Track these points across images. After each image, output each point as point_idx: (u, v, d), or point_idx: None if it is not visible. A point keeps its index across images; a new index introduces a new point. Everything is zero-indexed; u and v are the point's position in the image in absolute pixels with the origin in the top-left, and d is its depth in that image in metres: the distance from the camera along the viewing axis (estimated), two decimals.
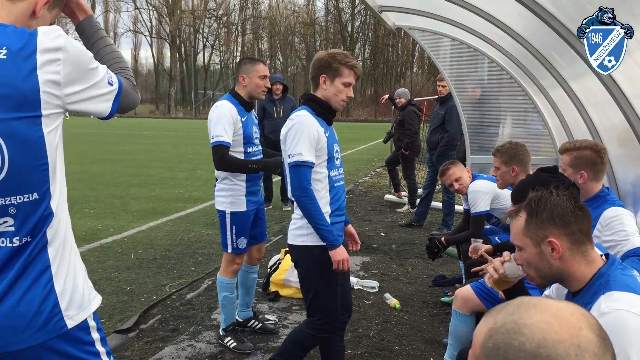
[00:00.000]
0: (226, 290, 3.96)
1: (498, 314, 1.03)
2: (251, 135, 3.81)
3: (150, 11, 65.97)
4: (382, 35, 58.87)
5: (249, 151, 3.82)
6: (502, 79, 6.69)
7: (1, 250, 1.45)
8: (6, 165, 1.38)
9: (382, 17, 5.86)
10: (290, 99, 9.02)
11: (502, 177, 3.98)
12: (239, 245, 3.87)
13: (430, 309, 4.83)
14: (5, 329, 1.43)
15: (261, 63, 3.85)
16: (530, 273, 1.96)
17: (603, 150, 3.12)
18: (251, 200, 3.86)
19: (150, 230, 7.50)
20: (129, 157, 16.53)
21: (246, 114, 3.82)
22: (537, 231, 1.88)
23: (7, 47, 1.41)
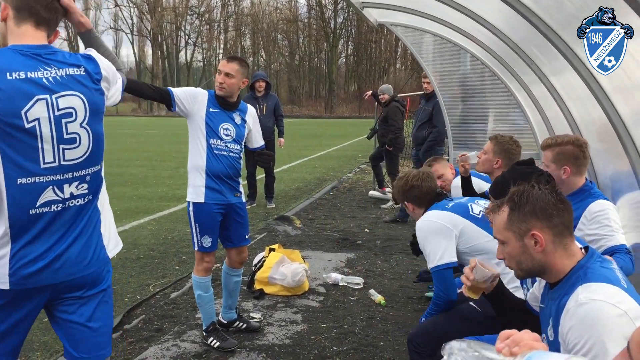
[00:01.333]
0: (199, 288, 3.93)
1: None
2: (215, 129, 3.74)
3: (131, 8, 65.34)
4: (365, 32, 58.89)
5: (211, 143, 3.74)
6: (484, 75, 6.75)
7: (77, 207, 2.07)
8: (90, 148, 2.09)
9: (364, 14, 5.86)
10: (273, 96, 8.99)
11: (485, 163, 3.99)
12: (203, 243, 3.82)
13: (415, 304, 4.86)
14: (77, 263, 2.07)
15: (225, 59, 3.85)
16: (511, 266, 1.98)
17: (584, 145, 3.15)
18: (211, 196, 3.77)
19: (134, 230, 7.44)
20: (111, 156, 16.37)
21: (218, 109, 3.79)
22: (520, 225, 1.90)
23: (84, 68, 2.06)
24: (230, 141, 3.80)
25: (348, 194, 10.54)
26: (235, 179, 3.90)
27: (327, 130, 31.31)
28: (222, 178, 3.80)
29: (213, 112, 3.76)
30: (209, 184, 3.76)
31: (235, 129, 3.84)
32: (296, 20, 63.48)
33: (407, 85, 45.08)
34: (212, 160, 3.75)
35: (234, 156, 3.84)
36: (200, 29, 66.31)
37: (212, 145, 3.74)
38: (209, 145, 3.74)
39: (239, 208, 3.95)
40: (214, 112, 3.77)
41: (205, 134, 3.73)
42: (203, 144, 3.74)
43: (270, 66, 62.30)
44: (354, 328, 4.31)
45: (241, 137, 3.89)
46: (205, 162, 3.75)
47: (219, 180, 3.78)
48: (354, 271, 5.75)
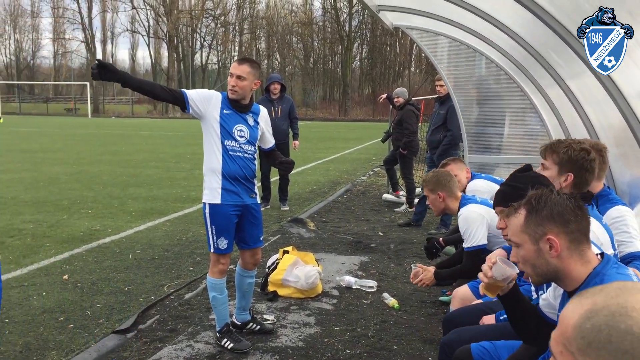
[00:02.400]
0: (214, 290, 3.94)
1: (596, 296, 1.02)
2: (230, 131, 3.76)
3: (148, 11, 65.95)
4: (379, 35, 58.84)
5: (226, 144, 3.75)
6: (499, 79, 6.70)
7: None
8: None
9: (380, 17, 5.86)
10: (288, 98, 9.01)
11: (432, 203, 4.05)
12: (219, 245, 3.82)
13: (429, 308, 4.83)
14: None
15: (236, 62, 3.82)
16: (526, 270, 1.96)
17: (604, 150, 3.11)
18: (227, 197, 3.78)
19: (149, 231, 7.49)
20: (127, 158, 16.51)
21: (231, 110, 3.79)
22: (536, 228, 1.88)
23: None
24: (244, 142, 3.81)
25: (362, 197, 10.52)
26: (250, 180, 3.91)
27: (341, 133, 31.29)
28: (238, 179, 3.80)
29: (227, 114, 3.77)
30: (225, 185, 3.76)
31: (248, 130, 3.84)
32: (311, 23, 63.57)
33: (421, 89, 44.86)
34: (227, 162, 3.75)
35: (248, 157, 3.85)
36: (216, 31, 66.70)
37: (227, 146, 3.75)
38: (224, 146, 3.74)
39: (254, 209, 3.96)
40: (228, 114, 3.77)
41: (220, 136, 3.74)
42: (218, 146, 3.74)
43: (284, 69, 62.42)
44: (367, 331, 4.29)
45: (255, 139, 3.90)
46: (221, 164, 3.75)
47: (235, 181, 3.79)
48: (368, 274, 5.73)
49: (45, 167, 13.86)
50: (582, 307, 1.03)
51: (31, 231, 7.25)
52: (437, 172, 4.14)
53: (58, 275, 5.49)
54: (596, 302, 1.02)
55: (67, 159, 15.87)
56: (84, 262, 5.95)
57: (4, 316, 4.44)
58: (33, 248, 6.45)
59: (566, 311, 1.06)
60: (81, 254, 6.28)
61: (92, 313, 4.57)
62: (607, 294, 1.02)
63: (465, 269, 3.80)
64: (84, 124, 37.88)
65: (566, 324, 1.04)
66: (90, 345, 3.96)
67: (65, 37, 70.72)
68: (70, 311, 4.60)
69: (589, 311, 1.01)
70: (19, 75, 69.58)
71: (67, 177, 12.19)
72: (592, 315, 1.00)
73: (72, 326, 4.30)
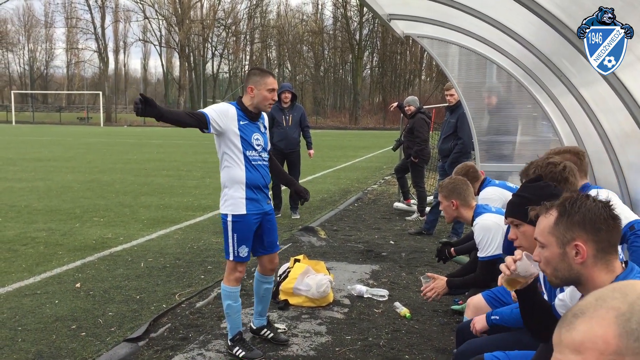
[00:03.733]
0: (229, 298, 3.96)
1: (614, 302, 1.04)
2: (249, 141, 3.82)
3: (160, 21, 66.54)
4: (390, 44, 58.93)
5: (248, 155, 3.82)
6: (510, 87, 6.69)
7: None
8: None
9: (391, 26, 5.87)
10: (299, 107, 9.04)
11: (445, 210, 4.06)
12: (240, 253, 3.86)
13: (441, 317, 4.80)
14: None
15: (270, 76, 3.87)
16: (546, 271, 1.93)
17: (581, 153, 3.35)
18: (251, 206, 3.85)
19: (160, 239, 7.51)
20: (138, 166, 16.61)
21: (247, 121, 3.85)
22: (565, 232, 1.85)
23: None
24: (261, 150, 3.91)
25: (373, 206, 10.50)
26: (268, 187, 4.03)
27: (352, 142, 31.30)
28: (259, 188, 3.89)
29: (244, 125, 3.82)
30: (249, 195, 3.84)
31: (262, 138, 3.94)
32: (322, 32, 63.84)
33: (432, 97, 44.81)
34: (250, 172, 3.82)
35: (266, 164, 3.97)
36: (227, 40, 67.15)
37: (249, 157, 3.82)
38: (246, 157, 3.81)
39: (270, 215, 4.05)
40: (245, 125, 3.83)
41: (242, 147, 3.79)
42: (240, 157, 3.79)
43: (295, 77, 62.68)
44: (379, 341, 4.27)
45: (267, 145, 4.00)
46: (245, 174, 3.80)
47: (257, 190, 3.88)
48: (379, 283, 5.71)
49: (58, 175, 13.97)
50: (608, 318, 1.03)
51: (44, 239, 7.31)
52: (454, 179, 4.13)
53: (70, 284, 5.52)
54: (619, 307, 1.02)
55: (80, 167, 15.99)
56: (96, 271, 5.97)
57: (16, 324, 4.47)
58: (46, 256, 6.49)
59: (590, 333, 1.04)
60: (93, 262, 6.31)
61: (104, 321, 4.58)
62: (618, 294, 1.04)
63: (479, 278, 3.80)
64: (96, 132, 38.18)
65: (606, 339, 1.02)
66: (102, 353, 3.97)
67: (78, 47, 71.61)
68: (82, 319, 4.62)
69: (620, 315, 1.01)
70: (32, 85, 70.41)
71: (79, 186, 12.28)
72: (629, 315, 1.00)
73: (84, 334, 4.32)
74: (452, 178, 4.18)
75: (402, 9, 5.63)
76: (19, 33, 72.13)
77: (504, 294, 3.47)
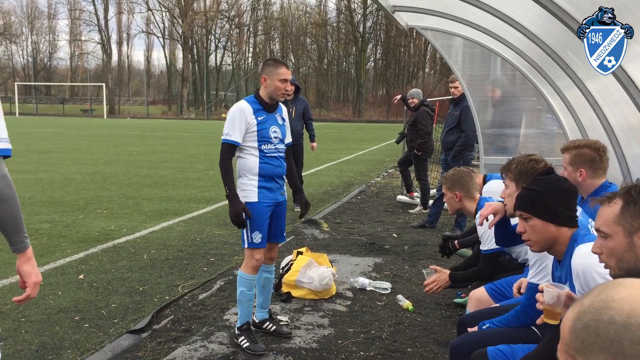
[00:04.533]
0: (243, 285, 4.01)
1: (584, 299, 1.06)
2: (267, 135, 3.90)
3: (163, 12, 66.39)
4: (394, 36, 58.74)
5: (263, 148, 3.90)
6: (515, 79, 6.64)
7: None
8: None
9: (395, 17, 5.83)
10: (302, 99, 9.01)
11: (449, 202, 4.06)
12: (254, 239, 3.93)
13: (443, 310, 4.80)
14: None
15: (284, 66, 3.93)
16: (609, 263, 1.87)
17: (602, 148, 3.16)
18: (264, 194, 3.94)
19: (163, 231, 7.52)
20: (141, 158, 16.62)
21: (265, 114, 3.93)
22: (632, 221, 1.80)
23: None
24: (278, 142, 3.99)
25: (376, 199, 10.49)
26: (282, 178, 4.09)
27: (355, 134, 31.25)
28: (273, 178, 3.98)
29: (262, 120, 3.91)
30: (262, 184, 3.93)
31: (280, 129, 4.03)
32: (325, 24, 63.64)
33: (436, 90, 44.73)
34: (264, 163, 3.91)
35: (281, 155, 4.04)
36: (230, 32, 67.03)
37: (265, 150, 3.91)
38: (262, 150, 3.90)
39: (282, 205, 4.14)
40: (263, 119, 3.91)
41: (258, 142, 3.88)
42: (255, 151, 3.90)
43: (298, 70, 62.51)
44: (382, 333, 4.27)
45: (284, 136, 4.08)
46: (258, 166, 3.90)
47: (270, 180, 3.97)
48: (382, 276, 5.71)
49: (61, 167, 13.99)
50: (573, 311, 1.07)
51: (47, 231, 7.32)
52: (459, 170, 4.11)
53: (74, 275, 5.54)
54: (583, 304, 1.05)
55: (83, 159, 16.01)
56: (99, 262, 5.98)
57: (20, 315, 4.48)
58: (49, 247, 6.50)
59: (563, 321, 1.09)
60: (96, 253, 6.32)
61: (107, 313, 4.59)
62: (591, 294, 1.06)
63: (482, 271, 3.80)
64: (99, 124, 38.21)
65: (564, 330, 1.07)
66: (105, 344, 3.98)
67: (81, 38, 71.60)
68: (85, 310, 4.63)
69: (578, 312, 1.05)
70: (35, 77, 70.46)
71: (82, 178, 12.29)
72: (581, 315, 1.04)
73: (87, 325, 4.33)
74: (456, 170, 4.15)
75: (406, 1, 5.59)
76: (22, 25, 72.08)
77: (507, 287, 3.46)
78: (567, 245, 2.32)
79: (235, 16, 66.27)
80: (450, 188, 4.01)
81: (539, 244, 2.37)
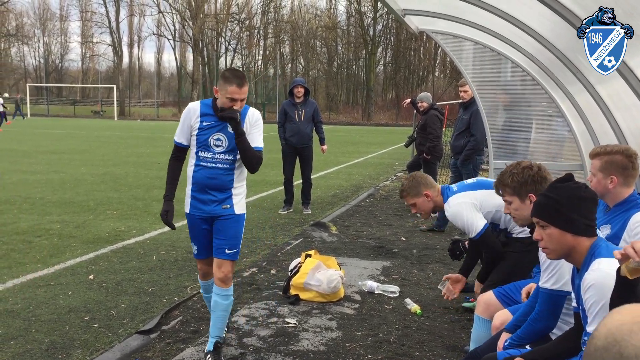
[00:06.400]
0: (202, 289, 4.15)
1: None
2: (205, 142, 3.65)
3: (174, 15, 66.66)
4: (404, 39, 58.65)
5: (200, 155, 3.69)
6: (525, 83, 6.62)
7: None
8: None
9: (405, 21, 5.83)
10: (312, 102, 9.03)
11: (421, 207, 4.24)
12: (193, 249, 3.96)
13: (452, 314, 4.79)
14: None
15: (234, 84, 3.54)
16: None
17: (634, 155, 3.05)
18: (195, 205, 3.79)
19: (172, 233, 7.54)
20: (151, 160, 16.70)
21: (213, 120, 3.66)
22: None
23: None
24: (221, 152, 3.66)
25: (384, 202, 10.48)
26: (222, 190, 3.73)
27: (364, 138, 31.23)
28: (206, 190, 3.73)
29: (207, 126, 3.66)
30: (194, 193, 3.79)
31: (228, 139, 3.66)
32: (335, 27, 63.62)
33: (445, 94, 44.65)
34: (198, 172, 3.72)
35: (222, 167, 3.68)
36: (241, 35, 67.14)
37: (201, 157, 3.70)
38: (198, 157, 3.71)
39: (225, 220, 3.75)
40: (208, 125, 3.66)
41: (196, 147, 3.71)
42: (193, 157, 3.76)
43: (308, 73, 62.56)
44: (389, 337, 4.27)
45: (233, 146, 3.67)
46: (192, 173, 3.76)
47: (203, 191, 3.75)
48: (390, 279, 5.70)
49: (72, 168, 14.09)
50: None
51: (58, 231, 7.38)
52: (411, 177, 4.31)
53: (84, 275, 5.57)
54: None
55: (93, 160, 16.12)
56: (109, 263, 6.02)
57: (30, 314, 4.52)
58: (60, 248, 6.55)
59: None
60: (106, 254, 6.36)
61: (117, 313, 4.62)
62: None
63: (489, 253, 4.02)
64: (110, 126, 38.42)
65: None
66: (114, 344, 4.01)
67: (93, 40, 72.05)
68: (95, 311, 4.66)
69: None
70: (47, 78, 70.93)
71: (93, 179, 12.37)
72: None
73: (97, 325, 4.36)
74: (410, 177, 4.33)
75: (416, 4, 5.59)
76: (35, 26, 72.64)
77: (515, 291, 3.45)
78: (585, 256, 2.28)
79: (246, 19, 66.47)
80: (417, 194, 4.16)
81: (556, 252, 2.33)
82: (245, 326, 4.42)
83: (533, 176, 2.96)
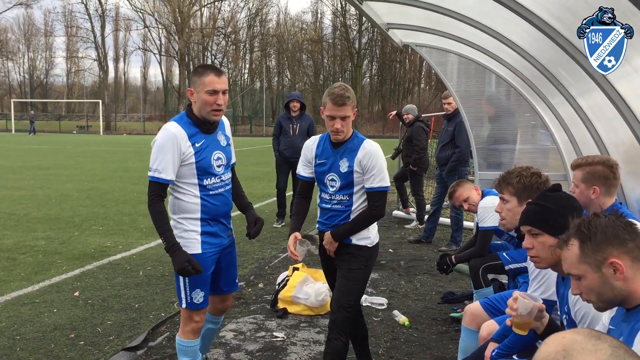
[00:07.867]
0: (185, 355, 3.26)
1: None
2: (208, 166, 3.13)
3: (160, 29, 66.70)
4: (389, 52, 59.12)
5: (205, 184, 3.14)
6: (509, 96, 6.70)
7: None
8: None
9: (389, 35, 5.90)
10: (307, 116, 9.06)
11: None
12: (194, 299, 3.16)
13: (440, 326, 4.80)
14: None
15: (211, 73, 3.06)
16: (590, 299, 1.89)
17: (615, 166, 3.09)
18: (209, 242, 3.19)
19: (159, 247, 7.50)
20: (137, 174, 16.61)
21: (203, 138, 3.12)
22: (595, 255, 1.83)
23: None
24: (223, 171, 3.24)
25: None
26: (229, 216, 3.37)
27: None
28: (218, 220, 3.24)
29: (201, 147, 3.11)
30: (205, 229, 3.18)
31: (224, 154, 3.26)
32: (321, 40, 64.00)
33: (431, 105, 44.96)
34: (208, 203, 3.16)
35: (228, 189, 3.30)
36: (227, 49, 67.31)
37: (208, 186, 3.15)
38: (203, 187, 3.14)
39: (230, 248, 3.41)
40: (202, 146, 3.11)
41: (198, 177, 3.11)
42: (194, 188, 3.12)
43: (295, 86, 62.75)
44: (378, 349, 4.27)
45: (230, 160, 3.34)
46: (200, 207, 3.14)
47: (216, 223, 3.23)
48: (378, 291, 5.71)
49: (57, 184, 13.98)
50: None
51: (43, 248, 7.31)
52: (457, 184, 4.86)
53: (69, 292, 5.52)
54: None
55: (79, 175, 16.00)
56: (94, 279, 5.97)
57: (15, 333, 4.47)
58: (44, 265, 6.49)
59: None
60: (92, 270, 6.31)
61: (103, 330, 4.58)
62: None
63: (478, 249, 4.47)
64: (96, 141, 38.20)
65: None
66: None
67: (78, 55, 71.72)
68: (81, 328, 4.62)
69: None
70: (32, 93, 70.52)
71: (78, 194, 12.28)
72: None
73: (82, 343, 4.31)
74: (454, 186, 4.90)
75: (400, 18, 5.66)
76: (19, 41, 72.30)
77: (501, 302, 3.48)
78: None
79: (232, 33, 66.64)
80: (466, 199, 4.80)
81: (547, 260, 2.34)
82: (233, 341, 4.40)
83: (539, 185, 3.00)
